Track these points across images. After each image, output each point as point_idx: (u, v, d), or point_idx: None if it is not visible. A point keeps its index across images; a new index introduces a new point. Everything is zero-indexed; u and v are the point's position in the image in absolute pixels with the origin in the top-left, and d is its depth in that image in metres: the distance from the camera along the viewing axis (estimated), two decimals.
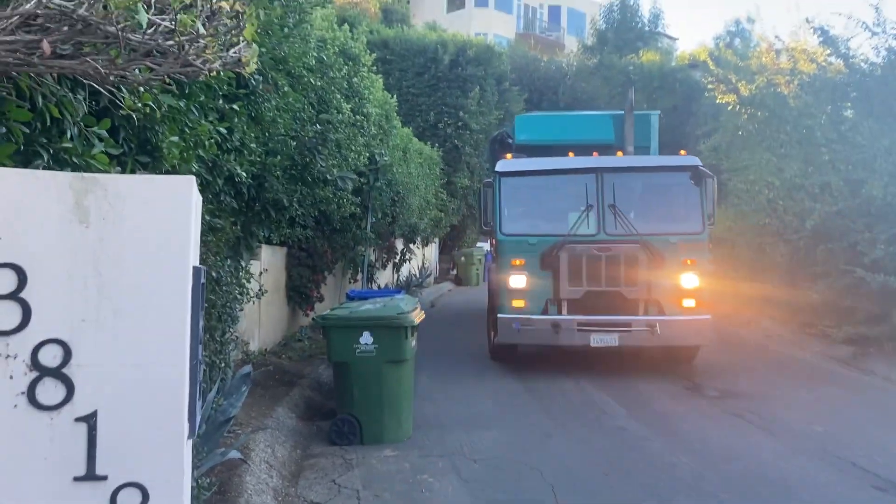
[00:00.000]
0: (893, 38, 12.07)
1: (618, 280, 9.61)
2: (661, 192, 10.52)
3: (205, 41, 2.69)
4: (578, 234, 9.82)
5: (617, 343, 9.61)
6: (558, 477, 6.13)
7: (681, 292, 9.69)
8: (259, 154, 6.77)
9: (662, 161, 10.89)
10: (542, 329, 9.74)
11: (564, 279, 9.69)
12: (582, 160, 10.44)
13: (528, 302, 9.91)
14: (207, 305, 5.82)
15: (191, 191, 2.53)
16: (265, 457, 6.01)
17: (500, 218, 10.32)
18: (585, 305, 9.74)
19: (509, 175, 10.53)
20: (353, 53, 11.69)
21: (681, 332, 9.67)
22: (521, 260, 9.94)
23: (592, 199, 10.01)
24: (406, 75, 26.06)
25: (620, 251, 9.63)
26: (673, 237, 9.78)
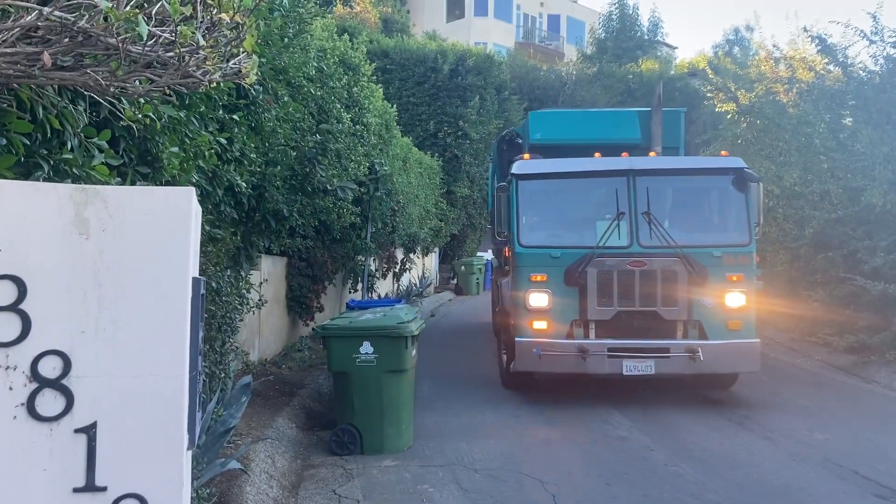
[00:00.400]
0: (891, 46, 12.11)
1: (654, 299, 8.49)
2: (701, 197, 9.47)
3: (205, 52, 2.70)
4: (608, 247, 8.60)
5: (653, 371, 8.39)
6: (560, 486, 6.11)
7: (726, 313, 8.55)
8: (259, 164, 6.78)
9: (703, 162, 9.78)
10: (566, 355, 8.48)
11: (593, 298, 8.53)
12: (611, 161, 9.20)
13: (550, 324, 8.70)
14: (207, 316, 5.82)
15: (190, 202, 2.53)
16: (265, 467, 6.00)
17: (518, 227, 9.06)
18: (616, 328, 8.58)
19: (528, 178, 9.26)
20: (353, 63, 11.74)
21: (726, 358, 8.46)
22: (542, 275, 8.71)
23: (624, 205, 8.80)
24: (406, 85, 26.13)
25: (657, 266, 8.49)
26: (716, 250, 8.63)
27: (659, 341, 8.47)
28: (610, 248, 8.60)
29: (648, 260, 8.50)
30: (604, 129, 10.85)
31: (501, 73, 28.74)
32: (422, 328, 7.58)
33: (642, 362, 8.41)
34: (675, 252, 8.51)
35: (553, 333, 8.65)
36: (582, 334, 8.64)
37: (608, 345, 8.47)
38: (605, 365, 8.45)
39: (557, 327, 8.67)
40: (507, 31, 46.12)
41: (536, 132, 10.87)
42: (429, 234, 21.55)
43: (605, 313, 8.58)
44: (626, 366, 8.41)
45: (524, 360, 8.69)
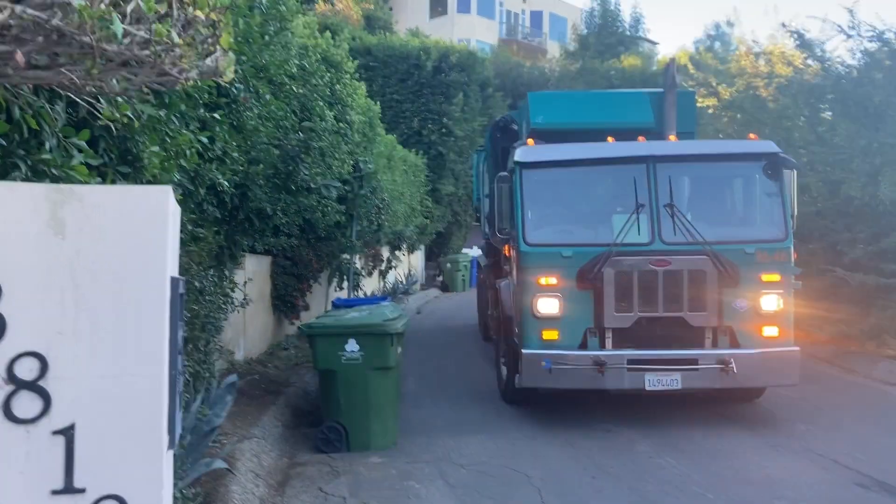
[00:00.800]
0: (867, 40, 12.21)
1: (679, 303, 7.49)
2: (731, 187, 8.53)
3: (180, 50, 2.68)
4: (627, 244, 7.56)
5: (680, 385, 7.39)
6: (546, 481, 6.14)
7: (760, 317, 7.60)
8: (242, 163, 6.75)
9: (733, 147, 8.72)
10: (580, 369, 7.41)
11: (610, 302, 7.50)
12: (628, 146, 8.23)
13: (561, 333, 7.64)
14: (191, 315, 5.80)
15: (168, 201, 2.52)
16: (251, 466, 5.99)
17: (523, 223, 7.96)
18: (637, 337, 7.58)
19: (533, 166, 8.15)
20: (336, 60, 11.69)
21: (762, 370, 7.48)
22: (551, 278, 7.67)
23: (643, 196, 7.77)
24: (389, 82, 26.09)
25: (682, 265, 7.49)
26: (749, 246, 7.66)
27: (686, 351, 7.48)
28: (629, 246, 7.57)
29: (673, 258, 7.50)
30: (612, 112, 9.66)
31: (485, 70, 28.75)
32: (407, 325, 7.60)
33: (667, 376, 7.37)
34: (703, 249, 7.51)
35: (564, 344, 7.61)
36: (598, 344, 7.62)
37: (628, 356, 7.46)
38: (625, 379, 7.41)
39: (569, 337, 7.63)
40: (489, 27, 46.14)
41: (538, 115, 9.55)
42: (414, 231, 21.54)
43: (624, 320, 7.55)
44: (649, 380, 7.36)
45: (532, 374, 7.61)
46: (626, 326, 7.56)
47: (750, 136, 8.71)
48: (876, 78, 11.88)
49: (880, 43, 12.06)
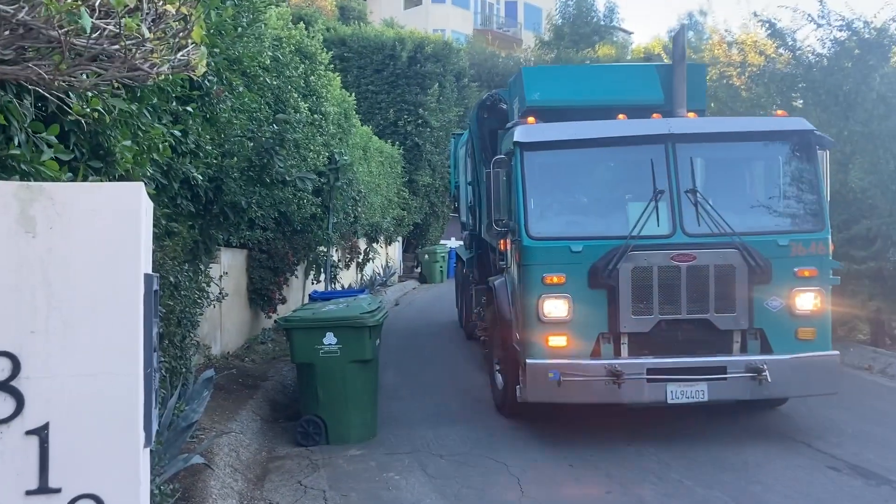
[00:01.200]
0: (837, 29, 12.34)
1: (705, 303, 6.67)
2: (760, 169, 7.65)
3: (151, 45, 2.66)
4: (645, 236, 6.72)
5: (706, 397, 6.57)
6: (525, 470, 6.19)
7: (795, 318, 6.77)
8: (215, 156, 6.70)
9: (762, 124, 7.67)
10: (593, 380, 6.55)
11: (626, 303, 6.65)
12: (643, 124, 7.29)
13: (570, 339, 6.76)
14: (166, 311, 5.76)
15: (140, 197, 2.50)
16: (230, 461, 5.97)
17: (525, 213, 7.02)
18: (657, 342, 6.76)
19: (537, 147, 7.21)
20: (310, 52, 11.62)
21: (798, 378, 6.65)
22: (559, 276, 6.76)
23: (662, 181, 6.92)
24: (364, 73, 25.96)
25: (708, 260, 6.67)
26: (782, 237, 6.85)
27: (712, 358, 6.67)
28: (647, 239, 6.72)
29: (697, 252, 6.68)
30: (617, 88, 8.54)
31: (460, 61, 28.70)
32: (385, 317, 7.59)
33: (692, 386, 6.55)
34: (732, 241, 6.70)
35: (575, 352, 6.72)
36: (612, 352, 6.76)
37: (647, 365, 6.61)
38: (645, 391, 6.57)
39: (580, 344, 6.75)
40: (464, 17, 46.03)
41: (534, 92, 8.37)
42: (391, 223, 21.51)
43: (643, 323, 6.69)
44: (672, 392, 6.54)
45: (538, 387, 6.70)
46: (644, 331, 6.69)
47: (777, 112, 7.81)
48: (845, 67, 12.01)
49: (849, 32, 12.19)
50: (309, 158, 10.23)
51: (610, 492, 5.68)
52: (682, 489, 5.69)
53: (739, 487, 5.69)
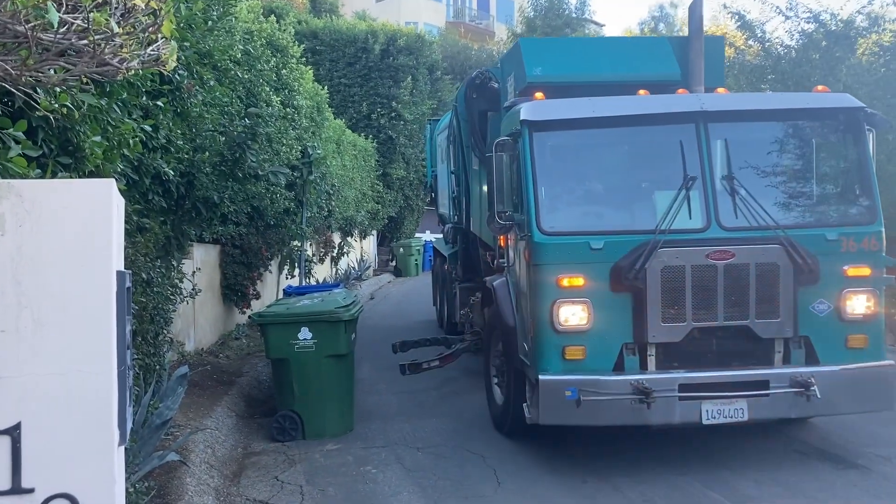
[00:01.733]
0: (805, 21, 12.53)
1: (745, 307, 5.82)
2: (803, 153, 6.60)
3: (120, 39, 2.63)
4: (675, 230, 5.84)
5: (746, 416, 5.73)
6: (501, 461, 6.23)
7: (845, 324, 5.94)
8: (187, 151, 6.64)
9: (806, 101, 6.62)
10: (618, 400, 5.66)
11: (655, 309, 5.77)
12: (670, 100, 6.48)
13: (590, 351, 5.86)
14: (138, 308, 5.71)
15: (111, 194, 2.48)
16: (205, 457, 5.94)
17: (536, 203, 6.06)
18: (690, 354, 5.90)
19: (548, 127, 6.27)
20: (281, 45, 11.54)
21: (850, 392, 5.84)
22: (577, 277, 5.86)
23: (693, 166, 6.06)
24: (337, 66, 25.81)
25: (749, 257, 5.83)
26: (831, 230, 6.02)
27: (753, 371, 5.86)
28: (678, 233, 5.85)
29: (736, 249, 5.83)
30: (628, 63, 7.62)
31: (433, 53, 28.63)
32: (361, 312, 7.59)
33: (730, 405, 5.71)
34: (775, 236, 5.87)
35: (595, 366, 5.84)
36: (637, 365, 5.87)
37: (680, 380, 5.73)
38: (677, 411, 5.70)
39: (601, 356, 5.86)
40: (437, 10, 45.92)
41: (535, 67, 7.36)
42: (366, 216, 21.45)
43: (674, 332, 5.82)
44: (707, 411, 5.69)
45: (553, 407, 5.81)
46: (676, 340, 5.84)
47: (817, 88, 6.84)
48: (813, 58, 12.19)
49: (817, 24, 12.37)
50: (282, 152, 10.17)
51: (586, 481, 5.74)
52: (657, 478, 5.76)
53: (710, 472, 5.77)
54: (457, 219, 10.80)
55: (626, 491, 5.53)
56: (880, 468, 5.87)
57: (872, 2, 12.41)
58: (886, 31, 12.07)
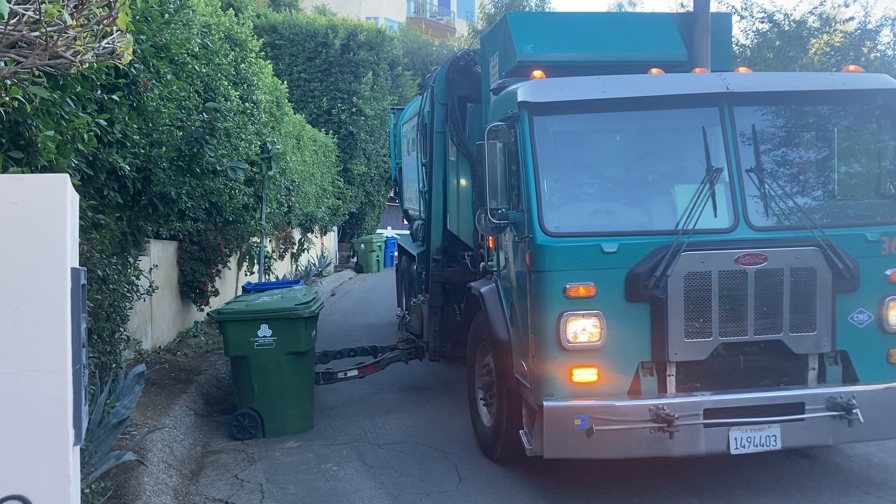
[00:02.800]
0: (759, 21, 12.79)
1: (778, 319, 5.12)
2: (837, 141, 5.88)
3: (74, 32, 2.58)
4: (699, 230, 5.09)
5: (779, 444, 5.05)
6: (463, 457, 6.25)
7: (888, 336, 5.30)
8: (143, 146, 6.54)
9: (841, 81, 5.74)
10: (635, 429, 4.93)
11: (677, 322, 5.04)
12: (689, 80, 5.73)
13: (603, 371, 5.09)
14: (94, 305, 5.60)
15: (65, 190, 2.43)
16: (163, 456, 5.87)
17: (538, 199, 5.24)
18: (715, 373, 5.20)
19: (551, 110, 5.45)
20: (240, 39, 11.41)
21: (893, 415, 5.21)
22: (587, 286, 5.07)
23: (718, 156, 5.34)
24: (296, 60, 25.57)
25: (784, 262, 5.12)
26: (871, 230, 5.32)
27: (786, 392, 5.18)
28: (702, 234, 5.10)
29: (768, 252, 5.10)
30: (629, 42, 6.81)
31: (394, 49, 28.54)
32: (321, 308, 7.55)
33: (761, 431, 5.03)
34: (812, 237, 5.15)
35: (608, 389, 5.09)
36: (655, 387, 5.13)
37: (705, 404, 5.03)
38: (702, 441, 4.99)
39: (615, 378, 5.10)
40: (397, 5, 45.74)
41: (526, 43, 6.49)
42: (326, 212, 21.33)
43: (699, 349, 5.09)
44: (736, 439, 4.99)
45: (559, 438, 5.04)
46: (700, 358, 5.11)
47: (849, 67, 6.06)
48: (767, 57, 12.44)
49: (771, 24, 12.63)
50: (240, 147, 10.06)
51: (548, 475, 5.79)
52: (609, 469, 5.83)
53: (689, 469, 5.86)
54: (426, 215, 9.88)
55: (587, 487, 5.59)
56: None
57: (824, 3, 12.71)
58: (837, 32, 12.38)
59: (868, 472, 5.78)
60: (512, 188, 5.58)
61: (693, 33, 6.73)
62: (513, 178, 5.57)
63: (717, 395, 5.09)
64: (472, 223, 6.96)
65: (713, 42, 6.68)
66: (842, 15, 12.71)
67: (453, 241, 8.57)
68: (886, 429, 5.26)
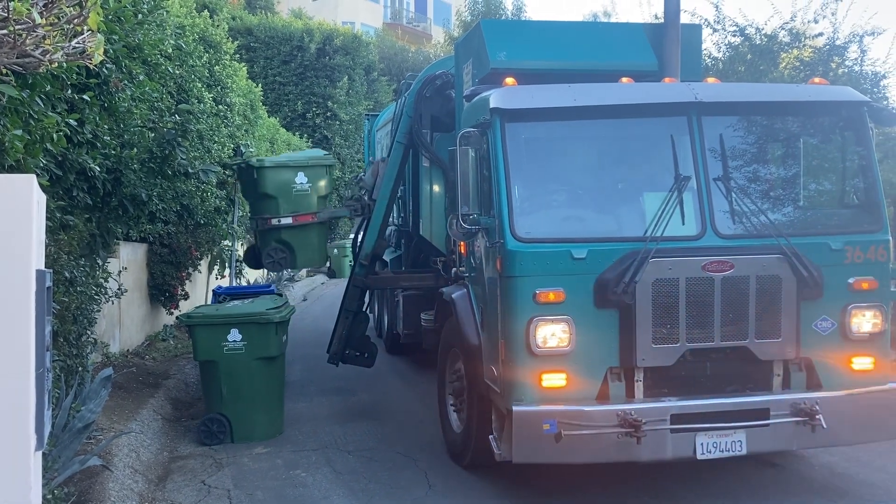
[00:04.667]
0: (731, 34, 12.97)
1: (744, 325, 5.22)
2: (803, 151, 6.04)
3: (43, 30, 2.55)
4: (667, 238, 5.18)
5: (744, 450, 5.14)
6: (432, 464, 6.24)
7: (850, 343, 5.40)
8: (114, 147, 6.47)
9: (808, 93, 5.86)
10: (603, 434, 4.99)
11: (645, 328, 5.11)
12: (659, 89, 5.92)
13: (572, 376, 5.15)
14: (61, 307, 5.52)
15: (31, 191, 2.39)
16: (129, 461, 5.79)
17: (508, 206, 5.29)
18: (681, 379, 5.30)
19: (522, 117, 5.54)
20: (215, 41, 11.35)
21: (856, 420, 5.32)
22: (556, 292, 5.15)
23: (686, 164, 5.43)
24: (272, 64, 25.50)
25: (750, 269, 5.22)
26: (835, 239, 5.45)
27: (752, 398, 5.27)
28: (670, 241, 5.19)
29: (735, 259, 5.20)
30: (601, 50, 6.89)
31: (370, 54, 28.59)
32: (292, 313, 7.50)
33: (727, 437, 5.11)
34: (777, 245, 5.26)
35: (577, 394, 5.14)
36: (623, 392, 5.21)
37: (672, 409, 5.11)
38: (668, 445, 5.08)
39: (584, 383, 5.16)
40: (374, 11, 45.76)
41: (499, 51, 6.55)
42: None
43: (666, 354, 5.16)
44: (703, 444, 5.08)
45: (528, 443, 5.08)
46: (667, 364, 5.19)
47: (814, 80, 6.18)
48: (739, 70, 12.61)
49: (742, 37, 12.81)
50: (213, 150, 10.00)
51: (517, 481, 5.80)
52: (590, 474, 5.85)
53: (653, 474, 5.90)
54: (401, 220, 10.22)
55: (556, 493, 5.61)
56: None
57: (794, 18, 12.92)
58: (807, 47, 12.58)
59: (832, 480, 5.85)
60: (484, 194, 5.62)
61: (664, 44, 6.83)
62: (484, 183, 5.61)
63: (684, 400, 5.17)
64: (445, 229, 6.97)
65: (683, 53, 6.77)
66: (811, 31, 12.93)
67: (421, 247, 8.73)
68: (848, 435, 5.39)
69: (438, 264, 7.63)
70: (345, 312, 8.38)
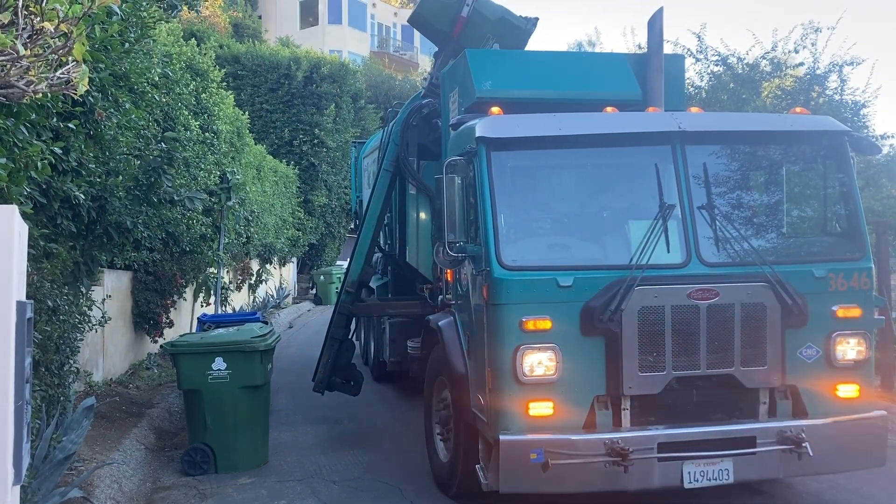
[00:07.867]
0: (714, 63, 13.17)
1: (729, 353, 5.24)
2: (786, 180, 6.15)
3: (27, 62, 2.55)
4: (652, 265, 5.21)
5: (731, 478, 5.16)
6: (419, 494, 6.18)
7: (835, 371, 5.44)
8: (99, 174, 6.45)
9: (790, 123, 6.01)
10: (590, 463, 5.02)
11: (631, 356, 5.13)
12: (643, 119, 5.98)
13: (559, 405, 5.15)
14: (43, 337, 5.47)
15: (12, 221, 2.38)
16: (111, 493, 5.70)
17: (494, 234, 5.32)
18: (668, 407, 5.31)
19: (508, 146, 5.61)
20: (202, 69, 11.40)
21: (842, 448, 5.34)
22: (543, 320, 5.14)
23: (671, 193, 5.48)
24: (259, 91, 25.59)
25: (735, 297, 5.25)
26: (819, 267, 5.49)
27: (738, 426, 5.29)
28: (655, 269, 5.22)
29: (720, 287, 5.24)
30: (586, 80, 6.98)
31: (357, 82, 28.74)
32: (278, 341, 7.46)
33: (714, 465, 5.13)
34: (762, 273, 5.30)
35: (564, 423, 5.14)
36: (610, 421, 5.22)
37: (659, 438, 5.13)
38: (656, 474, 5.09)
39: (571, 411, 5.16)
40: (361, 39, 46.11)
41: (484, 80, 6.62)
42: (286, 243, 21.20)
43: (652, 383, 5.18)
44: (690, 473, 5.09)
45: (515, 472, 5.08)
46: (653, 392, 5.19)
47: (796, 109, 6.36)
48: (722, 99, 12.78)
49: (724, 67, 12.99)
50: (199, 177, 10.00)
51: None
52: None
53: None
54: (388, 247, 10.16)
55: None
56: None
57: (775, 48, 13.13)
58: (788, 76, 12.78)
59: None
60: (470, 222, 5.65)
61: (647, 74, 6.88)
62: (471, 211, 5.64)
63: (671, 429, 5.18)
64: (431, 256, 6.93)
65: (667, 82, 6.81)
66: (792, 60, 13.15)
67: (407, 274, 8.68)
68: (834, 462, 5.40)
69: (425, 291, 7.64)
70: (331, 340, 8.34)
